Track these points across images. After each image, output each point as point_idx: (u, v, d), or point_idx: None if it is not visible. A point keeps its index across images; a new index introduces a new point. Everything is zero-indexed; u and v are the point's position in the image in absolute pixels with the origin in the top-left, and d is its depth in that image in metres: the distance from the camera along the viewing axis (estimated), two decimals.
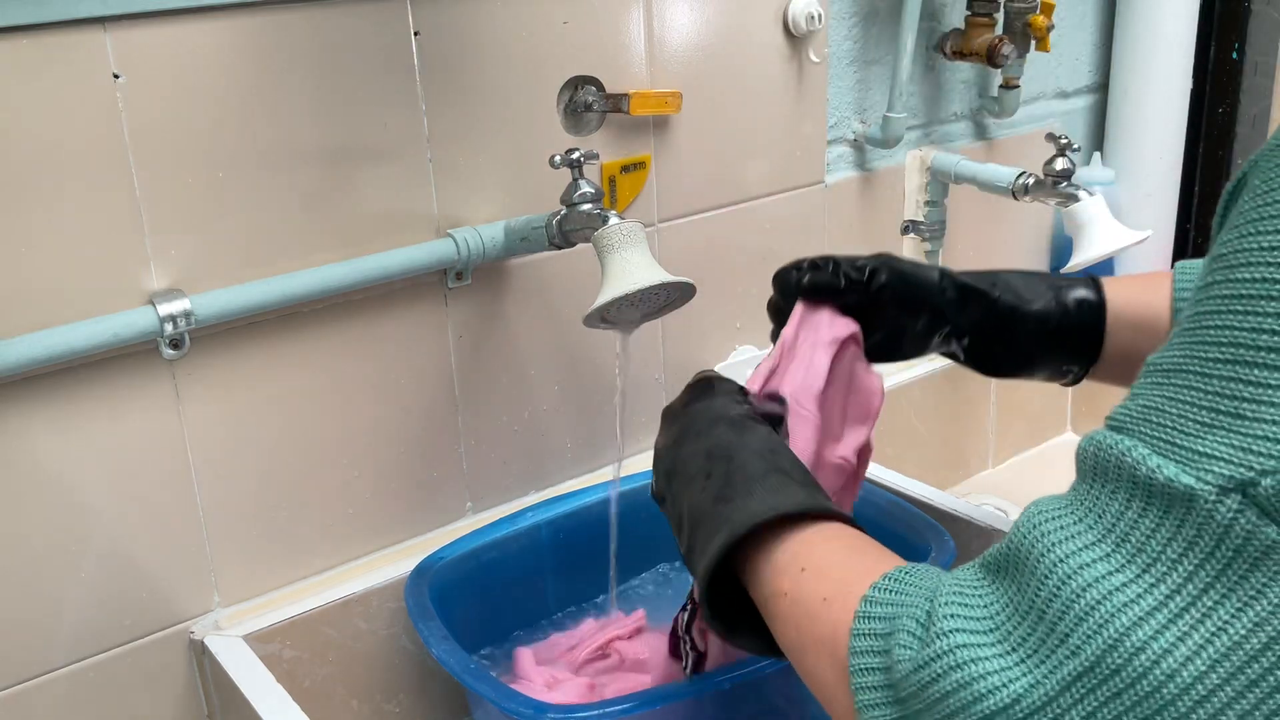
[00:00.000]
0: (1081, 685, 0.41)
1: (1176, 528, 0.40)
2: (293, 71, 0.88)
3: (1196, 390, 0.41)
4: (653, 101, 1.06)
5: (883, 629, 0.50)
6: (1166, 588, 0.40)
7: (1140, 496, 0.42)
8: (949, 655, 0.45)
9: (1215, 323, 0.41)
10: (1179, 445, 0.41)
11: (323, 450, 0.97)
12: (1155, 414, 0.43)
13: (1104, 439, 0.44)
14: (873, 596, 0.52)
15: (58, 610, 0.87)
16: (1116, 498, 0.43)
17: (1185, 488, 0.40)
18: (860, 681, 0.50)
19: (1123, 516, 0.42)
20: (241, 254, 0.89)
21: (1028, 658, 0.43)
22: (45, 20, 0.77)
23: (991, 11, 1.30)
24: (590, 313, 0.86)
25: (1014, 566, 0.46)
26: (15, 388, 0.82)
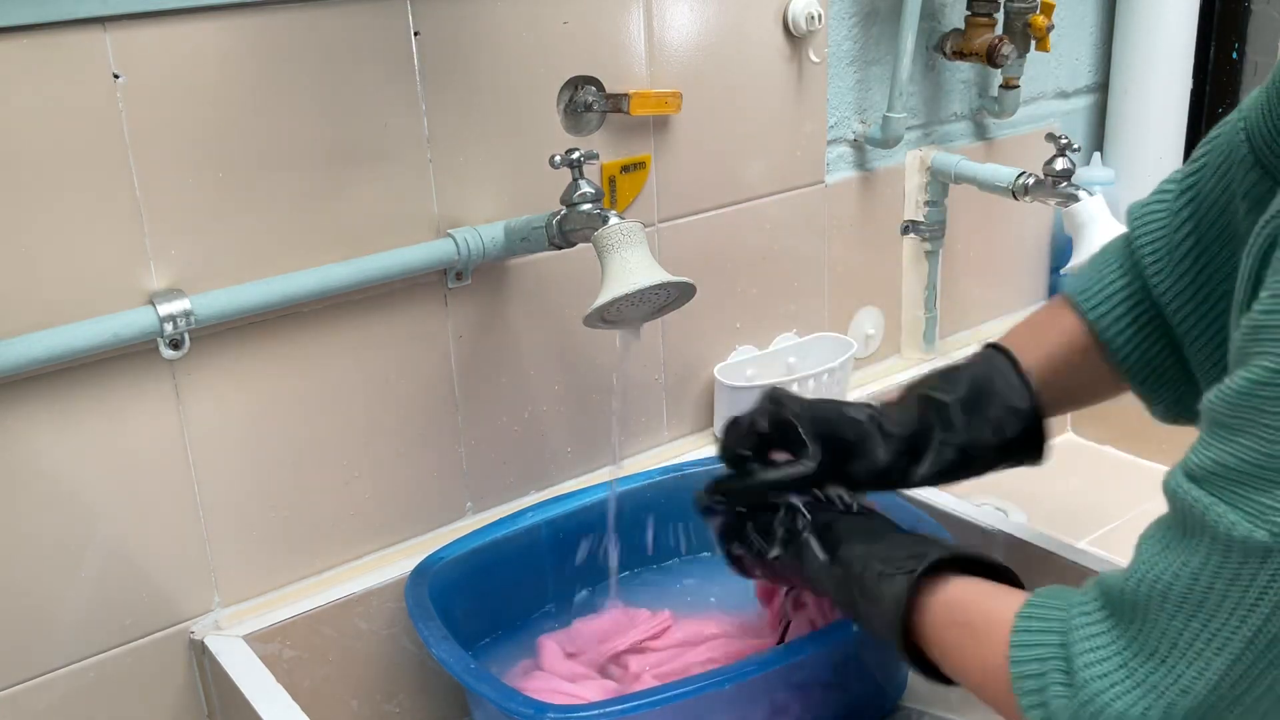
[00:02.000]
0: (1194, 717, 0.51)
1: (1252, 577, 0.49)
2: (293, 72, 0.88)
3: (1257, 452, 0.49)
4: (653, 101, 1.06)
5: (1034, 674, 0.59)
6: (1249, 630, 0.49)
7: (1220, 550, 0.50)
8: (1094, 703, 0.54)
9: (1267, 393, 0.49)
10: (1250, 500, 0.49)
11: (323, 450, 0.97)
12: (1228, 471, 0.50)
13: (1188, 492, 0.52)
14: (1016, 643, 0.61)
15: (58, 610, 0.87)
16: (1201, 552, 0.51)
17: (1259, 544, 0.48)
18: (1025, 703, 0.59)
19: (1207, 568, 0.50)
20: (241, 254, 0.89)
21: (1151, 696, 0.52)
22: (45, 20, 0.77)
23: (991, 11, 1.30)
24: (590, 312, 0.86)
25: (1130, 611, 0.54)
26: (15, 388, 0.82)
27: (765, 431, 0.80)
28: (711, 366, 1.22)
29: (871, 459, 0.79)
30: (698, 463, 1.14)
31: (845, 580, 0.74)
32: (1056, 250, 1.58)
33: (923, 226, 1.36)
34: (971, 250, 1.46)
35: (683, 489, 1.11)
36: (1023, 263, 1.55)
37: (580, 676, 0.96)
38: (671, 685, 0.80)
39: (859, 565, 0.73)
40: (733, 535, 0.82)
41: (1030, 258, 1.56)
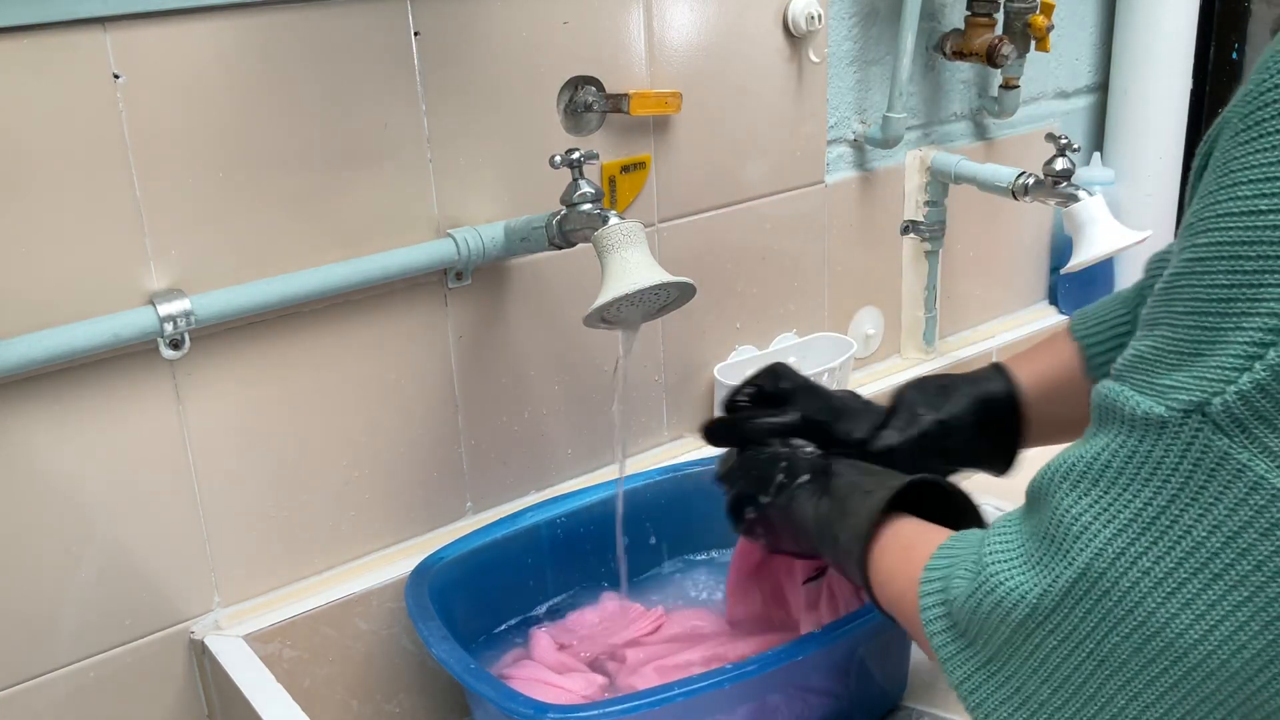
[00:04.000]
0: (1079, 588, 0.51)
1: (1149, 452, 0.49)
2: (293, 72, 0.88)
3: (1168, 339, 0.49)
4: (653, 101, 1.06)
5: (940, 575, 0.61)
6: (1140, 502, 0.49)
7: (1124, 431, 0.50)
8: (989, 582, 0.55)
9: (1181, 283, 0.49)
10: (1155, 384, 0.49)
11: (323, 450, 0.97)
12: (1140, 361, 0.51)
13: (1105, 388, 0.53)
14: (935, 555, 0.63)
15: (58, 610, 0.87)
16: (1108, 435, 0.51)
17: (1157, 417, 0.48)
18: (928, 617, 0.60)
19: (1110, 448, 0.51)
20: (241, 254, 0.89)
21: (1040, 572, 0.52)
22: (45, 20, 0.77)
23: (991, 11, 1.30)
24: (590, 313, 0.86)
25: (1036, 501, 0.55)
26: (15, 388, 0.82)
27: (762, 386, 0.90)
28: (711, 366, 1.22)
29: (852, 423, 0.87)
30: (698, 463, 1.14)
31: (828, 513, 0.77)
32: (1056, 250, 1.58)
33: (923, 226, 1.36)
34: (971, 250, 1.46)
35: (682, 489, 1.11)
36: (1023, 263, 1.55)
37: (568, 669, 0.96)
38: (672, 685, 0.80)
39: (842, 492, 0.76)
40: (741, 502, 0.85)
41: (1030, 258, 1.56)
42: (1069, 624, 0.51)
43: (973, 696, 0.57)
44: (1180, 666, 0.48)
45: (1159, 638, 0.48)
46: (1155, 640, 0.48)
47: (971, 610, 0.56)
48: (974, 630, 0.56)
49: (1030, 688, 0.54)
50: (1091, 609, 0.50)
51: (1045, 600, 0.52)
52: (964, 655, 0.57)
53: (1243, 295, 0.46)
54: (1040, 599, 0.52)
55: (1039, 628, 0.52)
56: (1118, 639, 0.50)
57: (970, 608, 0.56)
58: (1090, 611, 0.50)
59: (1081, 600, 0.51)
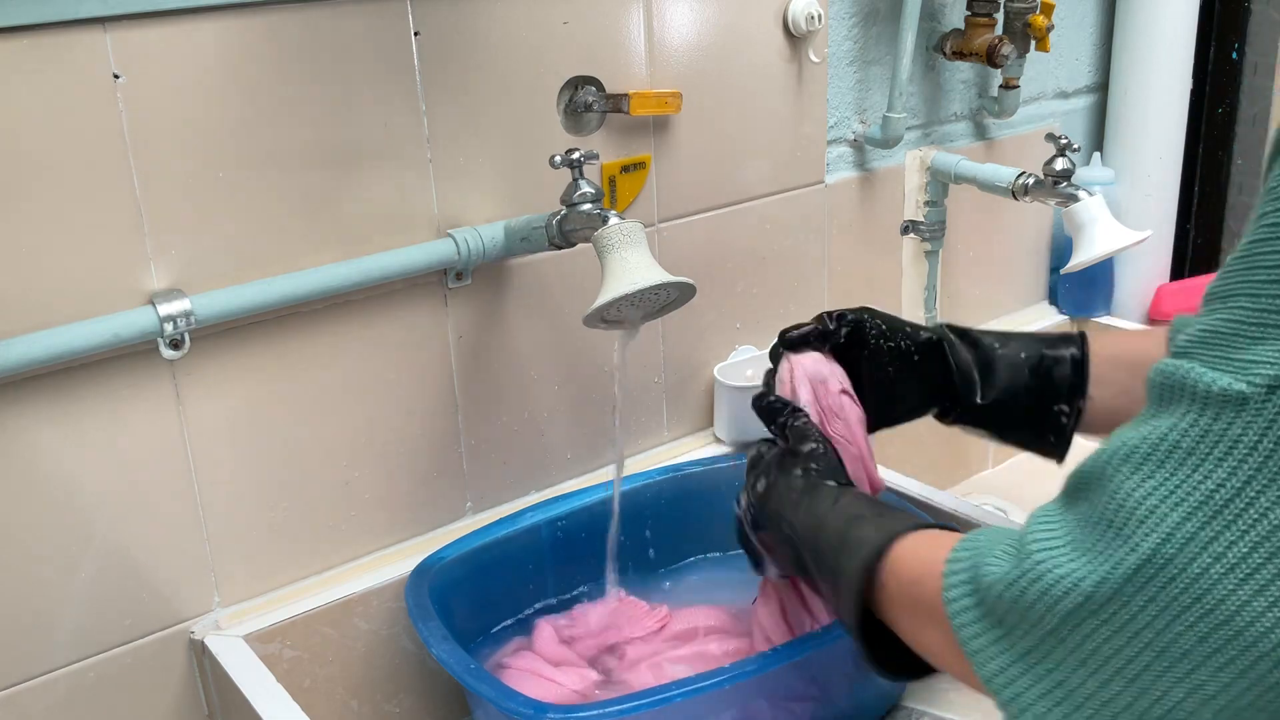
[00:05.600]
0: (1142, 575, 0.47)
1: (1224, 429, 0.46)
2: (293, 72, 0.88)
3: (1246, 309, 0.47)
4: (653, 101, 1.06)
5: (968, 560, 0.57)
6: (1213, 482, 0.46)
7: (1196, 409, 0.47)
8: (1035, 569, 0.51)
9: (1263, 249, 0.47)
10: (1232, 359, 0.47)
11: (323, 450, 0.98)
12: (1212, 336, 0.48)
13: (1168, 365, 0.50)
14: (958, 547, 0.59)
15: (58, 610, 0.87)
16: (1176, 413, 0.48)
17: (1237, 393, 0.46)
18: (955, 608, 0.56)
19: (1179, 427, 0.48)
20: (241, 254, 0.89)
21: (1096, 559, 0.49)
22: (45, 20, 0.77)
23: (991, 11, 1.30)
24: (590, 313, 0.86)
25: (1087, 488, 0.52)
26: (15, 388, 0.82)
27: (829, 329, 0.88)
28: (711, 366, 1.22)
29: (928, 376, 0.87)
30: (698, 463, 1.14)
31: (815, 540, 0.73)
32: (1056, 250, 1.58)
33: (923, 226, 1.37)
34: (971, 250, 1.46)
35: (683, 489, 1.11)
36: (1023, 263, 1.55)
37: (566, 663, 0.96)
38: (671, 685, 0.80)
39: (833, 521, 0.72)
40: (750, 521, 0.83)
41: (1030, 258, 1.56)
42: (1127, 613, 0.48)
43: (1008, 690, 0.54)
44: (1248, 656, 0.45)
45: (1228, 626, 0.46)
46: (1224, 629, 0.46)
47: (1013, 599, 0.53)
48: (1013, 619, 0.53)
49: (1076, 680, 0.51)
50: (1155, 596, 0.47)
51: (1103, 588, 0.49)
52: (998, 646, 0.54)
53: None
54: (1097, 587, 0.49)
55: (1092, 617, 0.49)
56: (1181, 628, 0.47)
57: (1011, 596, 0.53)
58: (1154, 599, 0.47)
59: (1144, 587, 0.48)
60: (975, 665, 0.55)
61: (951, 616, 0.57)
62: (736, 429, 1.20)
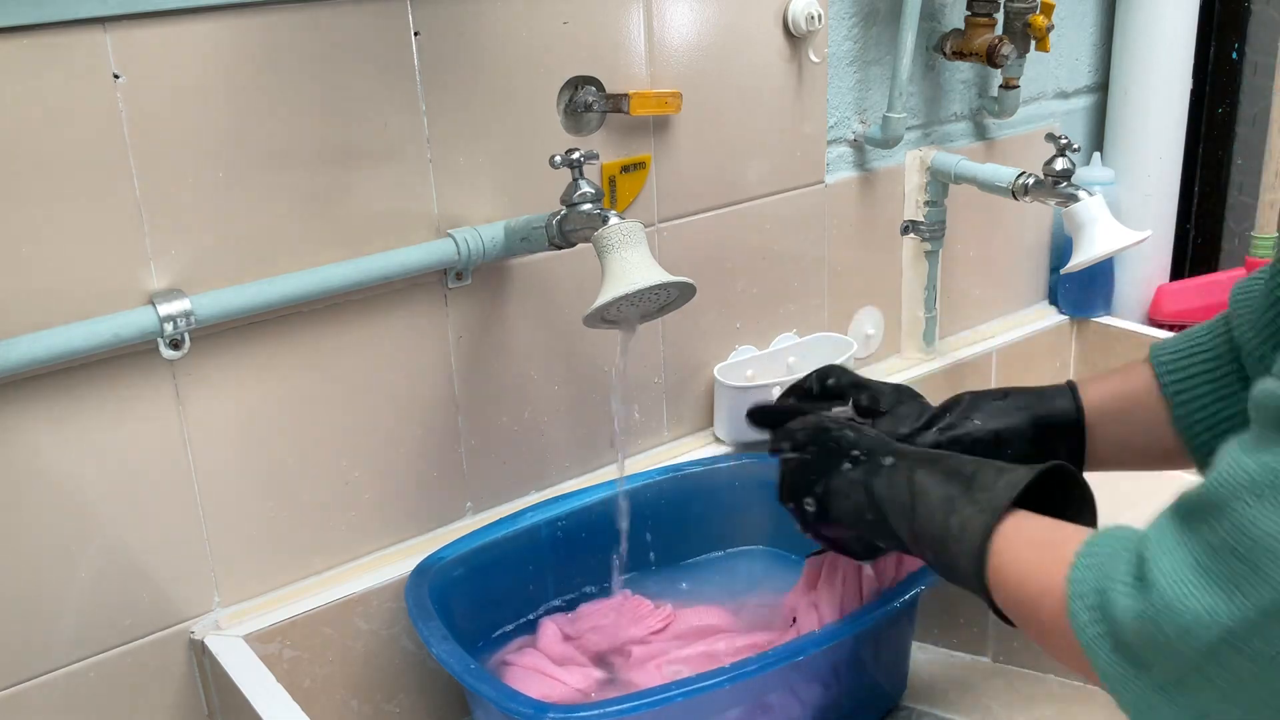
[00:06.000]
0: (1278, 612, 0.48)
1: None
2: (293, 71, 0.88)
3: None
4: (653, 101, 1.06)
5: (1094, 588, 0.57)
6: None
7: None
8: (1171, 606, 0.51)
9: None
10: None
11: (323, 450, 0.97)
12: None
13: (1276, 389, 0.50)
14: (1078, 565, 0.59)
15: (58, 610, 0.87)
16: None
17: None
18: (1088, 638, 0.56)
19: None
20: (241, 254, 0.89)
21: (1232, 595, 0.49)
22: (45, 20, 0.77)
23: (991, 11, 1.30)
24: (590, 312, 0.86)
25: (1206, 515, 0.52)
26: (15, 388, 0.82)
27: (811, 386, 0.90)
28: (711, 366, 1.22)
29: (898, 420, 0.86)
30: (698, 463, 1.14)
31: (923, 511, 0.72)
32: (1056, 250, 1.58)
33: (923, 226, 1.36)
34: (971, 250, 1.46)
35: (682, 489, 1.11)
36: (1023, 263, 1.55)
37: (569, 661, 0.96)
38: (671, 685, 0.80)
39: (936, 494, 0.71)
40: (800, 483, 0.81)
41: (1030, 258, 1.56)
42: (1271, 648, 0.48)
43: (1149, 714, 0.54)
44: None
45: None
46: None
47: (1149, 636, 0.53)
48: (1149, 656, 0.53)
49: (1218, 711, 0.51)
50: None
51: (1241, 625, 0.49)
52: (1137, 679, 0.54)
53: None
54: (1236, 623, 0.49)
55: (1233, 652, 0.49)
56: None
57: (1147, 634, 0.53)
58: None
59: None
60: (1114, 692, 0.55)
61: (1085, 645, 0.56)
62: (736, 429, 1.20)
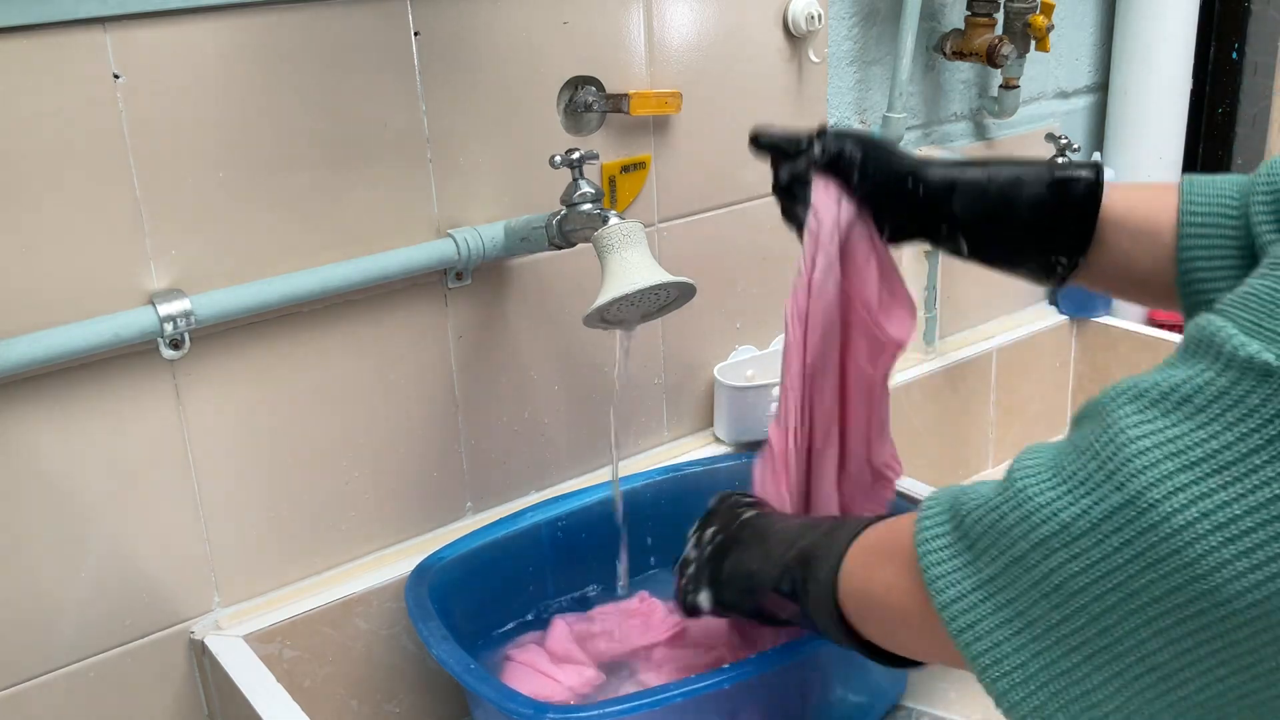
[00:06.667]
0: (1123, 515, 0.47)
1: (1243, 395, 0.45)
2: (293, 72, 0.88)
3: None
4: (653, 101, 1.06)
5: (948, 495, 0.56)
6: (1219, 443, 0.45)
7: (1218, 367, 0.46)
8: (1019, 495, 0.51)
9: None
10: (1265, 327, 0.45)
11: (323, 450, 0.97)
12: (1253, 299, 0.47)
13: (1203, 320, 0.48)
14: (933, 493, 0.58)
15: (58, 610, 0.87)
16: (1197, 367, 0.47)
17: (1263, 363, 0.44)
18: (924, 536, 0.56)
19: (1194, 381, 0.47)
20: (241, 254, 0.89)
21: (1078, 490, 0.48)
22: (45, 20, 0.77)
23: (991, 11, 1.30)
24: (590, 312, 0.86)
25: (1090, 417, 0.51)
26: (15, 388, 0.82)
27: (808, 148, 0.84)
28: (711, 366, 1.22)
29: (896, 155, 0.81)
30: (698, 463, 1.14)
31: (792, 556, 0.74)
32: None
33: None
34: None
35: (682, 489, 1.11)
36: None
37: (571, 660, 0.96)
38: (671, 685, 0.80)
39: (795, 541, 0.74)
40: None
41: None
42: (1100, 551, 0.47)
43: (965, 616, 0.53)
44: (1219, 612, 0.45)
45: (1203, 581, 0.45)
46: (1199, 584, 0.45)
47: (990, 523, 0.52)
48: (984, 543, 0.52)
49: (1037, 611, 0.50)
50: (1133, 540, 0.46)
51: (1080, 521, 0.48)
52: (962, 573, 0.53)
53: None
54: (1075, 519, 0.48)
55: (1064, 548, 0.48)
56: (1155, 576, 0.46)
57: (989, 521, 0.52)
58: (1130, 542, 0.46)
59: (1123, 529, 0.47)
60: (933, 594, 0.54)
61: (920, 545, 0.56)
62: (737, 429, 1.20)
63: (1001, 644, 0.51)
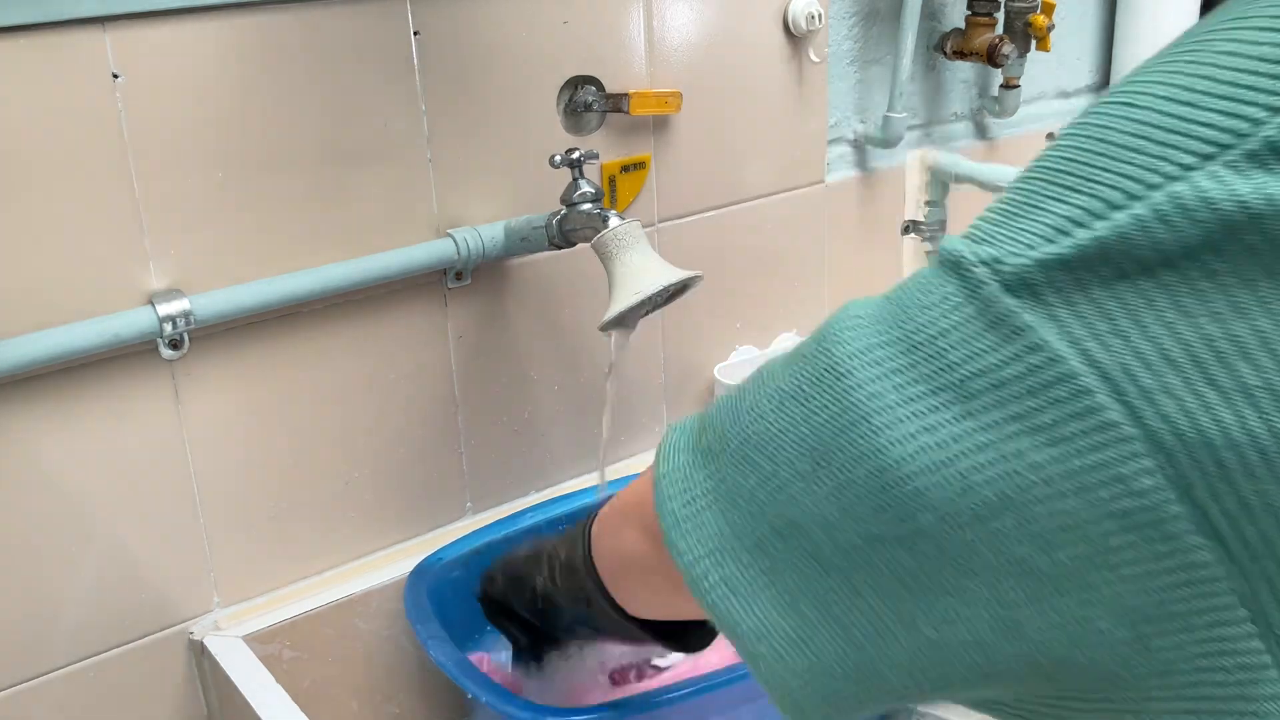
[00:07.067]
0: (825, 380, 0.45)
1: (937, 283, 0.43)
2: (293, 71, 0.88)
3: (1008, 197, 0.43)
4: (653, 101, 1.06)
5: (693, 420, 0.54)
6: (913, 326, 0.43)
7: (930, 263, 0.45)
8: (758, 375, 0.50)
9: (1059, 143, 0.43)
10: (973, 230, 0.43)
11: (323, 450, 0.97)
12: (985, 214, 0.44)
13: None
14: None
15: (58, 610, 0.87)
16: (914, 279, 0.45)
17: (955, 252, 0.42)
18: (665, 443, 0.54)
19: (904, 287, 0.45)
20: (241, 254, 0.89)
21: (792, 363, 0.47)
22: (45, 20, 0.77)
23: (992, 11, 1.30)
24: (606, 321, 0.86)
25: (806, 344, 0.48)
26: (15, 388, 0.82)
27: None
28: (711, 367, 1.22)
29: None
30: None
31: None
32: None
33: (923, 226, 1.36)
34: None
35: None
36: None
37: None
38: (671, 687, 0.80)
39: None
40: None
41: None
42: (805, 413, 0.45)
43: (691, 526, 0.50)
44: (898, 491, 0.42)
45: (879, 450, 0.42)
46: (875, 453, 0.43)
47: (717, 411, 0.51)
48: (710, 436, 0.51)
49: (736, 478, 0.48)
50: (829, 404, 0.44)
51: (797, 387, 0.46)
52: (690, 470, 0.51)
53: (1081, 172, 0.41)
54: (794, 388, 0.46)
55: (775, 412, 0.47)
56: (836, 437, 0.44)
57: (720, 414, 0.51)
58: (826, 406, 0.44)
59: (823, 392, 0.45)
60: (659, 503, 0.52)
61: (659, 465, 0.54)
62: None
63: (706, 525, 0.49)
